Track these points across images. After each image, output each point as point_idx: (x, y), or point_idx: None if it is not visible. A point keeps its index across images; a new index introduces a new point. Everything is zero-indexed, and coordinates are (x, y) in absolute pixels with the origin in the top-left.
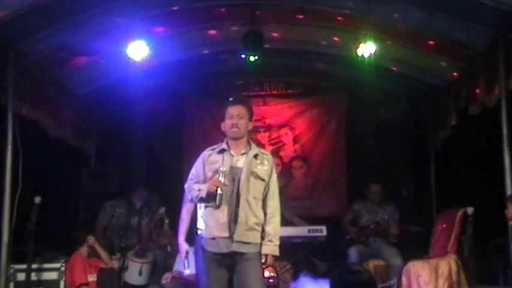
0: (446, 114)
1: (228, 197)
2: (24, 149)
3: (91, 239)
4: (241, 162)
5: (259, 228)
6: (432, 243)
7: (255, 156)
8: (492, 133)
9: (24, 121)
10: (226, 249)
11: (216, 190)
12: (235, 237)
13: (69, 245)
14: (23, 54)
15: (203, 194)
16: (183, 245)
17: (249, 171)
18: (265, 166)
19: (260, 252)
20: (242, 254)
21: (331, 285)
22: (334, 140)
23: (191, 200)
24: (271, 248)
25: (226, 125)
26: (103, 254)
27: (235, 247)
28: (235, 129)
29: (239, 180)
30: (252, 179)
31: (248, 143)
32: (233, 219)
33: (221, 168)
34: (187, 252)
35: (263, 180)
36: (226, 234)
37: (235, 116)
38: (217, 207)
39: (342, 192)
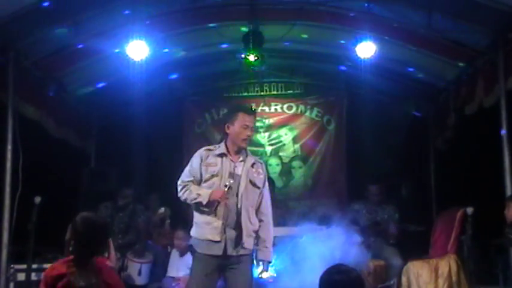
0: (446, 114)
1: (226, 203)
2: (24, 149)
3: None
4: (239, 169)
5: (254, 235)
6: (432, 243)
7: (252, 164)
8: (492, 133)
9: (24, 121)
10: (219, 252)
11: (219, 202)
12: (234, 243)
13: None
14: (23, 54)
15: (203, 200)
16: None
17: (248, 179)
18: (261, 175)
19: (252, 254)
20: (234, 256)
21: (320, 286)
22: (334, 140)
23: (184, 200)
24: (266, 253)
25: (238, 133)
26: (112, 252)
27: (229, 251)
28: (248, 142)
29: (238, 188)
30: (250, 187)
31: (245, 149)
32: (233, 226)
33: (227, 182)
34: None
35: (258, 188)
36: (218, 239)
37: (250, 128)
38: (211, 212)
39: (341, 192)
